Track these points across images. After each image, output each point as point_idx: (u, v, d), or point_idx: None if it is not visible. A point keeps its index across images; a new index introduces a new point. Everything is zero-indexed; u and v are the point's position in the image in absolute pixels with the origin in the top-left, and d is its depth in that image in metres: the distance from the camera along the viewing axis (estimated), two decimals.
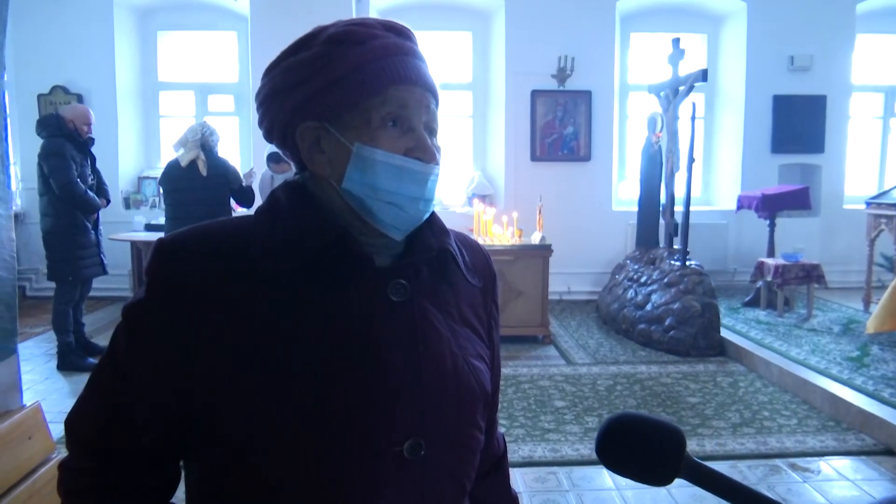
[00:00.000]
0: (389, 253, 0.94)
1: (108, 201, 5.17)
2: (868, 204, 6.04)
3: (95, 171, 5.06)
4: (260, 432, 0.82)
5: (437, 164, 0.92)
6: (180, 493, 0.95)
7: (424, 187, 0.90)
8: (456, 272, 0.98)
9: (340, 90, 0.87)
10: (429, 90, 0.92)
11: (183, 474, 0.95)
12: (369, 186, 0.88)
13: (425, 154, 0.89)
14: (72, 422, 0.91)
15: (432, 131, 0.93)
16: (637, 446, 0.79)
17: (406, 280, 0.91)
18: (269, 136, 0.96)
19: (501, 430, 1.22)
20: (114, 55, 7.32)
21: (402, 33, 0.93)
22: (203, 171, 5.02)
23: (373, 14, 7.43)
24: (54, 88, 7.27)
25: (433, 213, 0.96)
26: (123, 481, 0.88)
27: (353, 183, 0.88)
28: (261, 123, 0.95)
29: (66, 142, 4.74)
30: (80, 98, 7.16)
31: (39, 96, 7.25)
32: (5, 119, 2.00)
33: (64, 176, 4.68)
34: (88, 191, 4.85)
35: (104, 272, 5.11)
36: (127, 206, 7.55)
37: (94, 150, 5.03)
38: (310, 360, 0.83)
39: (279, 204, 0.92)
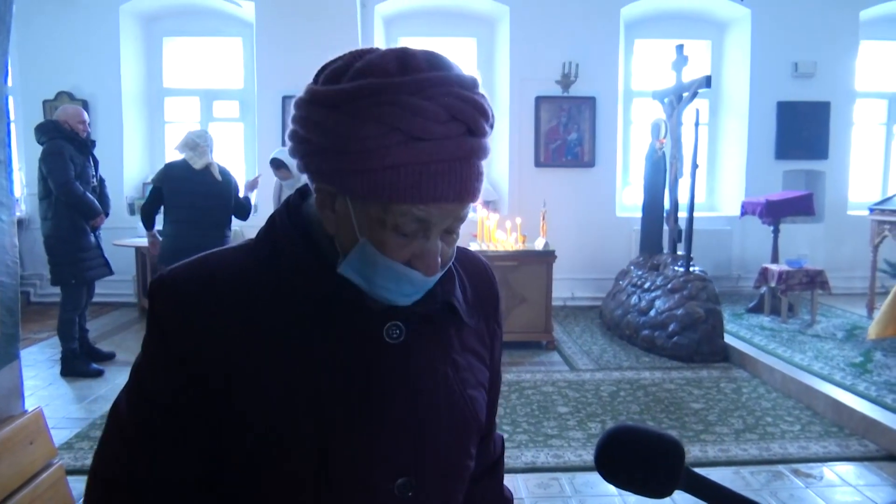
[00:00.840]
0: None
1: (108, 214, 5.12)
2: (871, 210, 6.03)
3: (99, 178, 5.05)
4: (260, 464, 0.85)
5: (444, 267, 0.86)
6: None
7: (421, 289, 0.86)
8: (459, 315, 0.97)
9: (369, 181, 0.76)
10: (468, 201, 0.81)
11: None
12: (365, 278, 0.84)
13: (427, 270, 0.83)
14: (97, 466, 0.92)
15: (450, 231, 0.85)
16: (636, 459, 0.79)
17: (402, 321, 0.90)
18: (292, 155, 0.92)
19: (504, 434, 1.23)
20: (119, 61, 7.36)
21: (472, 124, 0.78)
22: (218, 176, 4.84)
23: (378, 21, 7.44)
24: (59, 94, 7.30)
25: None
26: None
27: (350, 269, 0.84)
28: (291, 123, 0.88)
29: (65, 143, 4.74)
30: (85, 103, 7.19)
31: (45, 102, 7.29)
32: (8, 124, 2.01)
33: (61, 175, 4.68)
34: (89, 194, 4.84)
35: (110, 272, 5.10)
36: (132, 211, 7.57)
37: (98, 155, 5.05)
38: (307, 402, 0.84)
39: (275, 239, 0.90)
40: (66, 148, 4.73)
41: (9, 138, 1.97)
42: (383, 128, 0.74)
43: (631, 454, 0.79)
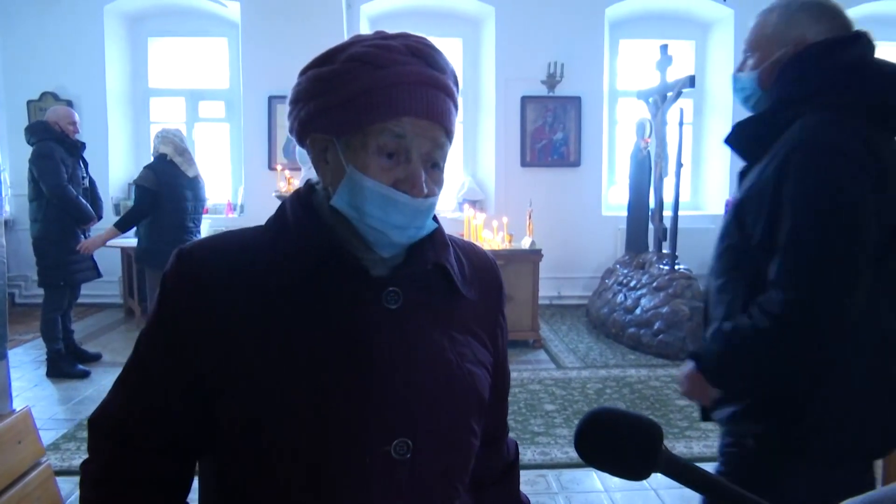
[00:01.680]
0: (388, 264, 0.97)
1: (100, 217, 5.11)
2: None
3: (90, 179, 5.03)
4: (261, 428, 0.88)
5: (431, 195, 0.93)
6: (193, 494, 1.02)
7: (412, 217, 0.91)
8: (455, 282, 1.01)
9: (346, 112, 0.89)
10: (439, 123, 0.91)
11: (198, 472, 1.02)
12: (355, 209, 0.91)
13: (413, 189, 0.90)
14: (96, 419, 0.98)
15: (434, 164, 0.93)
16: (614, 440, 0.79)
17: (400, 288, 0.94)
18: (290, 133, 1.01)
19: (511, 435, 1.24)
20: (104, 61, 7.32)
21: (429, 60, 0.92)
22: (204, 187, 5.12)
23: (363, 20, 7.46)
24: (44, 95, 7.26)
25: (437, 229, 0.99)
26: (144, 472, 0.94)
27: (341, 201, 0.92)
28: (287, 118, 1.00)
29: (56, 145, 4.73)
30: (69, 104, 7.13)
31: (29, 102, 7.24)
32: None
33: (54, 178, 4.66)
34: (81, 198, 4.82)
35: (98, 275, 5.09)
36: (117, 212, 7.53)
37: (84, 155, 5.02)
38: (304, 363, 0.88)
39: (285, 216, 0.97)
40: (57, 150, 4.71)
41: None
42: (354, 63, 0.89)
43: (609, 436, 0.80)
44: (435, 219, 0.98)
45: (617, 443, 0.79)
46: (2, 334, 1.91)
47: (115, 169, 7.56)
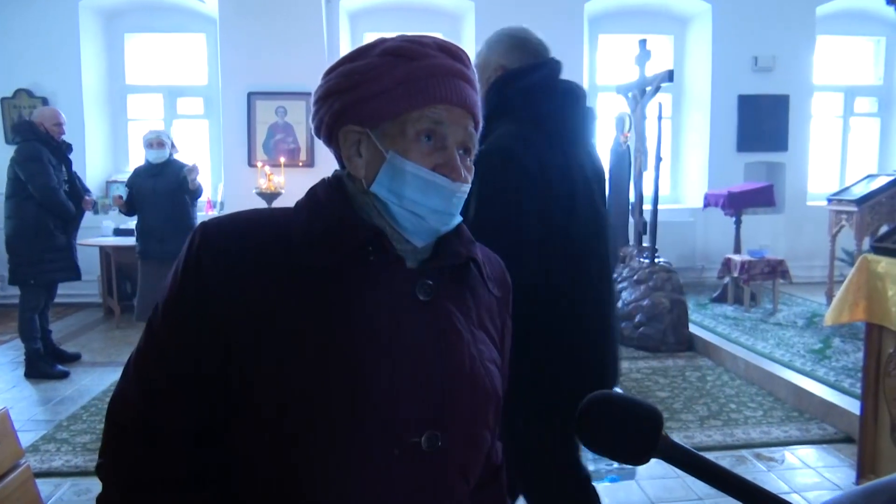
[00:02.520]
0: (417, 257, 0.98)
1: (95, 203, 5.16)
2: (829, 201, 6.19)
3: (71, 176, 4.96)
4: (290, 412, 0.87)
5: (466, 182, 0.96)
6: None
7: (448, 202, 0.94)
8: (478, 281, 1.03)
9: (384, 100, 0.92)
10: (470, 112, 0.97)
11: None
12: (395, 193, 0.93)
13: (453, 172, 0.94)
14: (116, 413, 0.94)
15: (467, 150, 0.98)
16: (614, 425, 0.79)
17: (433, 281, 0.96)
18: (317, 133, 1.02)
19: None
20: (80, 58, 7.23)
21: (456, 56, 0.98)
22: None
23: (343, 16, 7.43)
24: (18, 92, 7.16)
25: (461, 225, 1.01)
26: (180, 469, 0.91)
27: (381, 187, 0.94)
28: (313, 120, 1.01)
29: (41, 146, 4.69)
30: (45, 101, 7.05)
31: (3, 100, 7.14)
32: None
33: (44, 180, 4.63)
34: (68, 201, 4.78)
35: (76, 276, 5.00)
36: (95, 211, 7.45)
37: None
38: (340, 350, 0.88)
39: (317, 199, 0.98)
40: (43, 152, 4.67)
41: None
42: (390, 56, 0.94)
43: (609, 420, 0.80)
44: None
45: (617, 427, 0.79)
46: None
47: (93, 166, 7.46)
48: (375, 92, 0.92)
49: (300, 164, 7.03)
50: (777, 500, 0.71)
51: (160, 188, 5.01)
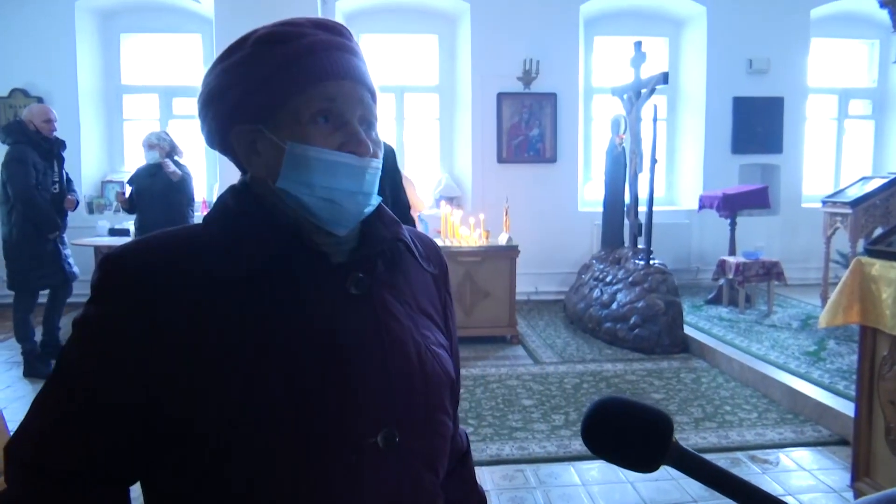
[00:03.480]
0: (343, 249, 0.94)
1: (77, 202, 5.10)
2: (824, 203, 6.20)
3: (61, 177, 4.95)
4: (235, 435, 0.81)
5: (375, 157, 0.91)
6: None
7: (361, 181, 0.90)
8: (411, 263, 1.00)
9: (268, 89, 0.87)
10: (361, 83, 0.91)
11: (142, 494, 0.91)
12: (304, 184, 0.87)
13: (359, 147, 0.89)
14: (13, 445, 0.85)
15: (369, 125, 0.92)
16: (623, 431, 0.77)
17: (363, 273, 0.91)
18: (210, 142, 0.96)
19: (469, 428, 1.23)
20: (75, 58, 7.22)
21: (333, 30, 0.93)
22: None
23: (339, 17, 7.43)
24: (13, 91, 7.14)
25: (381, 206, 0.97)
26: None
27: (287, 181, 0.88)
28: (201, 131, 0.96)
29: (28, 148, 4.67)
30: (40, 101, 7.01)
31: None
32: None
33: (21, 182, 4.61)
34: (47, 201, 4.74)
35: (66, 281, 4.99)
36: (90, 210, 7.44)
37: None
38: (277, 360, 0.82)
39: (227, 207, 0.92)
40: (29, 154, 4.66)
41: None
42: (264, 44, 0.89)
43: (618, 426, 0.77)
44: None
45: (626, 433, 0.76)
46: None
47: (88, 166, 7.45)
48: (256, 84, 0.88)
49: None
50: None
51: (156, 188, 5.13)
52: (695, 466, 0.74)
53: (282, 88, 0.87)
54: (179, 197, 5.21)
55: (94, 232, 6.68)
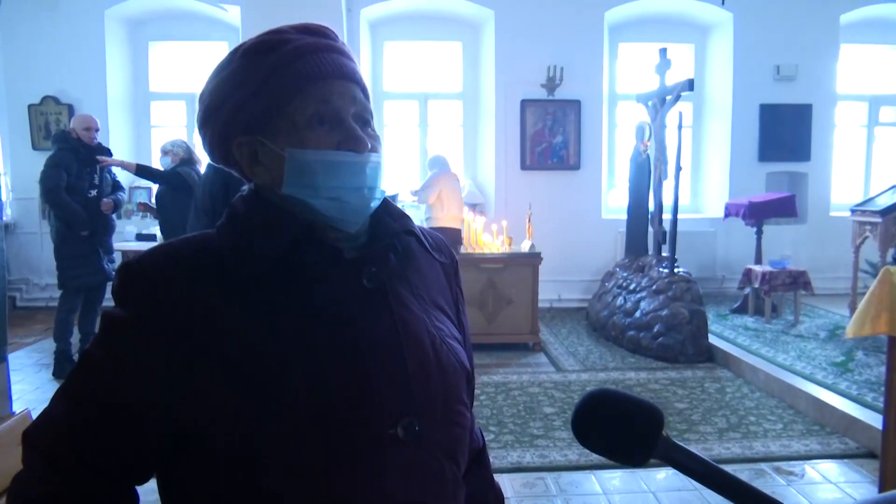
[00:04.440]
0: (354, 245, 0.95)
1: (115, 205, 5.19)
2: (853, 211, 6.11)
3: (101, 182, 5.07)
4: (257, 434, 0.82)
5: (375, 151, 0.93)
6: None
7: (363, 176, 0.91)
8: (422, 257, 1.01)
9: (261, 100, 0.89)
10: (352, 81, 0.93)
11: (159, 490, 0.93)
12: (308, 186, 0.89)
13: (357, 145, 0.90)
14: (31, 433, 0.87)
15: (365, 121, 0.94)
16: (611, 423, 0.76)
17: (376, 267, 0.93)
18: (212, 157, 0.98)
19: (490, 435, 1.23)
20: (105, 65, 7.34)
21: (318, 32, 0.94)
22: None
23: (364, 25, 7.49)
24: (45, 99, 7.28)
25: (387, 200, 0.98)
26: (73, 496, 0.84)
27: (292, 186, 0.89)
28: (204, 147, 0.98)
29: (67, 154, 4.89)
30: (70, 108, 7.19)
31: (30, 106, 7.26)
32: None
33: (46, 183, 4.81)
34: (73, 204, 4.85)
35: (104, 279, 5.10)
36: (119, 216, 7.55)
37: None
38: (295, 356, 0.84)
39: (238, 213, 0.94)
40: (65, 159, 4.87)
41: None
42: (251, 55, 0.91)
43: (607, 418, 0.76)
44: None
45: (616, 426, 0.76)
46: (1, 337, 1.93)
47: (116, 172, 7.55)
48: (248, 96, 0.90)
49: None
50: None
51: (177, 194, 5.25)
52: (684, 461, 0.73)
53: (274, 96, 0.89)
54: (189, 201, 5.30)
55: (122, 237, 6.78)
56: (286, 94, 0.89)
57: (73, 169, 4.86)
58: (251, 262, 0.87)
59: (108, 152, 5.16)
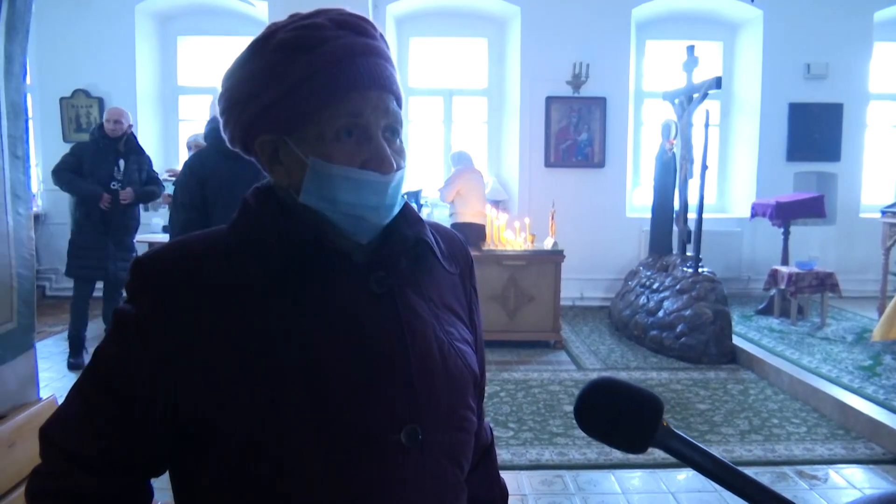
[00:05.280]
0: (365, 248, 0.94)
1: (132, 194, 5.11)
2: (883, 213, 6.00)
3: (129, 170, 5.12)
4: (261, 435, 0.83)
5: (399, 169, 0.91)
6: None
7: (384, 195, 0.89)
8: (434, 260, 0.99)
9: (291, 103, 0.86)
10: (387, 90, 0.89)
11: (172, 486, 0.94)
12: (327, 200, 0.88)
13: (382, 166, 0.87)
14: (48, 428, 0.89)
15: (394, 132, 0.91)
16: (612, 410, 0.78)
17: (386, 272, 0.92)
18: (231, 144, 0.97)
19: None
20: (134, 59, 7.44)
21: (358, 29, 0.89)
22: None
23: (389, 21, 7.50)
24: (76, 92, 7.40)
25: (406, 205, 0.97)
26: (89, 490, 0.86)
27: (310, 196, 0.88)
28: (224, 131, 0.96)
29: (87, 144, 5.11)
30: (101, 101, 7.30)
31: (61, 99, 7.38)
32: (27, 121, 2.07)
33: (56, 165, 5.01)
34: (76, 180, 4.97)
35: (101, 277, 5.15)
36: (145, 208, 7.65)
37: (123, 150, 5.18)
38: (300, 358, 0.84)
39: (250, 210, 0.93)
40: (82, 147, 5.08)
41: (27, 135, 2.03)
42: (284, 52, 0.86)
43: (608, 405, 0.78)
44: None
45: (616, 413, 0.77)
46: (30, 325, 1.97)
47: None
48: (279, 96, 0.86)
49: None
50: (781, 499, 0.69)
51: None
52: (683, 450, 0.75)
53: (306, 102, 0.86)
54: None
55: (148, 229, 6.87)
56: (319, 103, 0.85)
57: (89, 158, 5.00)
58: (259, 263, 0.87)
59: (137, 145, 5.21)
